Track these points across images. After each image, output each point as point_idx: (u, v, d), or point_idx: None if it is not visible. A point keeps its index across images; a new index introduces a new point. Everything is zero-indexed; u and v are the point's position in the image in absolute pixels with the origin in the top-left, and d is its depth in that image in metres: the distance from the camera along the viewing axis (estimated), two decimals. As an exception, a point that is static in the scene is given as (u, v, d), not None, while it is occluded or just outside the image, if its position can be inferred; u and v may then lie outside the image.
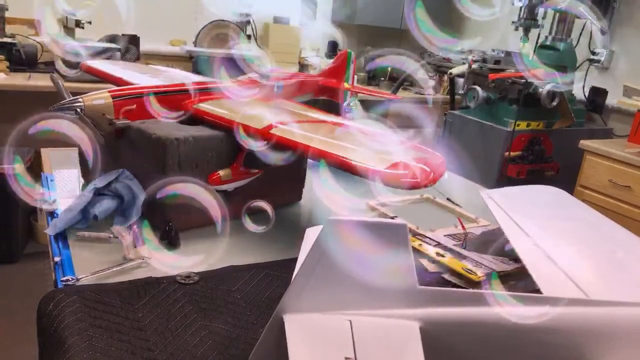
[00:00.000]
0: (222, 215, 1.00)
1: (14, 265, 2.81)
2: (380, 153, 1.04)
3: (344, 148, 1.05)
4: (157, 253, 1.01)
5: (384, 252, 0.63)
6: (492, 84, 2.91)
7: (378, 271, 0.64)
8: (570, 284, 0.85)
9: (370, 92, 2.09)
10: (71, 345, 0.75)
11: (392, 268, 0.64)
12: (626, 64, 3.27)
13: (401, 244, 0.63)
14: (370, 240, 0.62)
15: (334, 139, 1.10)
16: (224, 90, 1.34)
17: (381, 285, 0.65)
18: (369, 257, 0.63)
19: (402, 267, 0.64)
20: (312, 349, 0.62)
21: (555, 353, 0.68)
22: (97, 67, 1.56)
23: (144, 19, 3.37)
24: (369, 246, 0.62)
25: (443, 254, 1.13)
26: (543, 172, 2.93)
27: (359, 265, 0.63)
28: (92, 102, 1.12)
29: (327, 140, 1.08)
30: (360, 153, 1.04)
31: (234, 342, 0.81)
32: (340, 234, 0.61)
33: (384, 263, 0.64)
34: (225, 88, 1.35)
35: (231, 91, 1.35)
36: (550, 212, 1.15)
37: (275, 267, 1.03)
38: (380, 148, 1.08)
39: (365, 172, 0.98)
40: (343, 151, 1.03)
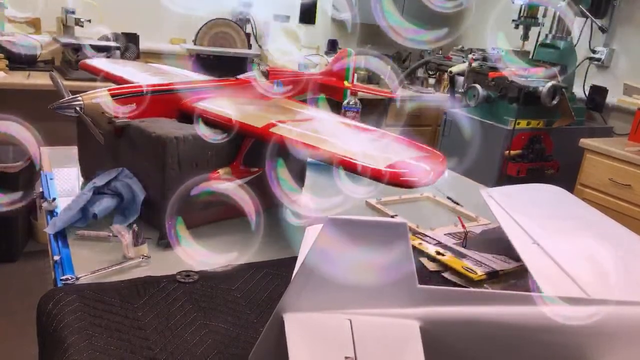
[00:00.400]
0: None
1: (13, 264, 2.81)
2: (380, 151, 1.04)
3: (344, 147, 1.05)
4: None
5: (384, 251, 0.63)
6: (492, 83, 2.91)
7: (378, 270, 0.64)
8: (570, 282, 0.85)
9: (371, 91, 2.09)
10: (71, 344, 0.75)
11: (392, 267, 0.64)
12: (626, 62, 3.27)
13: (401, 243, 0.63)
14: (370, 240, 0.62)
15: (334, 138, 1.10)
16: (223, 89, 1.33)
17: (381, 285, 0.65)
18: (369, 256, 0.63)
19: (402, 266, 0.64)
20: (312, 348, 0.61)
21: (555, 352, 0.68)
22: (96, 65, 1.56)
23: (143, 17, 3.37)
24: (369, 245, 0.62)
25: (443, 252, 1.13)
26: (543, 171, 2.93)
27: (359, 265, 0.63)
28: (91, 101, 1.12)
29: (327, 139, 1.08)
30: (360, 152, 1.03)
31: (234, 341, 0.81)
32: (340, 233, 0.61)
33: (384, 262, 0.63)
34: (225, 87, 1.34)
35: (231, 90, 1.35)
36: (550, 210, 1.15)
37: (275, 266, 1.03)
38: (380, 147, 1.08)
39: (365, 170, 0.98)
40: (343, 150, 1.03)
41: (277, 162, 1.11)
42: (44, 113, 1.15)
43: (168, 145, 1.06)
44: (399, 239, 0.63)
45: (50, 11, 3.18)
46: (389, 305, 0.65)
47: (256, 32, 3.82)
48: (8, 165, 2.69)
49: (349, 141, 1.09)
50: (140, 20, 3.32)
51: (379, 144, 1.10)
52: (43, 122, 1.18)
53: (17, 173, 2.71)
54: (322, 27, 4.15)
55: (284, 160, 1.20)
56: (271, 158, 1.12)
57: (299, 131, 1.11)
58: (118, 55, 3.00)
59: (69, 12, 2.96)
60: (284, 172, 1.13)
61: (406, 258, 0.64)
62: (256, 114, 1.24)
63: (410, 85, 4.09)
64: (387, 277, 0.64)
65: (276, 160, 1.12)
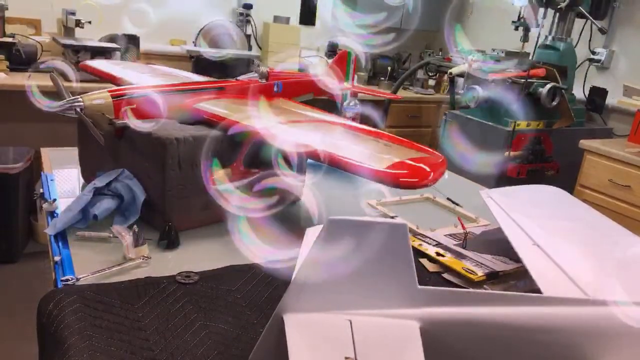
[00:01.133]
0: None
1: (14, 265, 2.81)
2: (380, 153, 1.04)
3: (344, 148, 1.05)
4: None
5: (384, 252, 0.63)
6: (492, 84, 2.91)
7: (378, 271, 0.64)
8: (570, 283, 0.86)
9: (371, 92, 2.09)
10: (71, 345, 0.75)
11: (392, 268, 0.64)
12: (626, 63, 3.27)
13: (401, 243, 0.63)
14: (370, 240, 0.62)
15: (334, 139, 1.10)
16: (223, 90, 1.33)
17: (381, 285, 0.65)
18: (369, 257, 0.63)
19: (402, 267, 0.64)
20: (312, 348, 0.61)
21: (555, 353, 0.68)
22: (96, 66, 1.56)
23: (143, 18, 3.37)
24: (369, 246, 0.62)
25: (443, 253, 1.13)
26: (543, 172, 2.93)
27: (359, 265, 0.63)
28: (91, 102, 1.12)
29: (327, 140, 1.08)
30: (360, 153, 1.03)
31: (234, 341, 0.81)
32: (340, 233, 0.61)
33: (384, 263, 0.64)
34: (225, 88, 1.35)
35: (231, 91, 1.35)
36: (550, 211, 1.15)
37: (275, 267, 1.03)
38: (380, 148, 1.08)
39: (365, 171, 0.98)
40: (343, 151, 1.03)
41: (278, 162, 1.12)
42: (44, 114, 1.15)
43: (168, 147, 1.06)
44: (399, 240, 0.63)
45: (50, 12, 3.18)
46: (389, 306, 0.65)
47: (256, 34, 3.82)
48: (8, 166, 2.70)
49: (349, 142, 1.09)
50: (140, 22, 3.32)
51: (379, 145, 1.10)
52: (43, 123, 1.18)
53: (18, 174, 2.72)
54: (322, 28, 4.16)
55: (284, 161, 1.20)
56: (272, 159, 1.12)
57: (299, 132, 1.11)
58: (118, 56, 3.00)
59: (69, 13, 2.96)
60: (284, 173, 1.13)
61: (406, 259, 0.64)
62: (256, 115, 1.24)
63: (410, 87, 4.09)
64: (387, 277, 0.65)
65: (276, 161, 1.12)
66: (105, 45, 3.03)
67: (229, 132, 1.10)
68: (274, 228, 1.04)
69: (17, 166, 2.72)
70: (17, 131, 2.75)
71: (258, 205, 1.06)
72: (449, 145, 3.15)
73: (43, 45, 3.06)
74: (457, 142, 3.00)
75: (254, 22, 3.77)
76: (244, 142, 1.16)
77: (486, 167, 2.76)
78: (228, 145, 1.15)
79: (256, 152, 1.16)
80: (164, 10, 3.51)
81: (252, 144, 1.17)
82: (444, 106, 3.67)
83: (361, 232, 0.62)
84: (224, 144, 1.15)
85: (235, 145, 1.10)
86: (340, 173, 1.04)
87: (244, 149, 1.17)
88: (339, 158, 1.01)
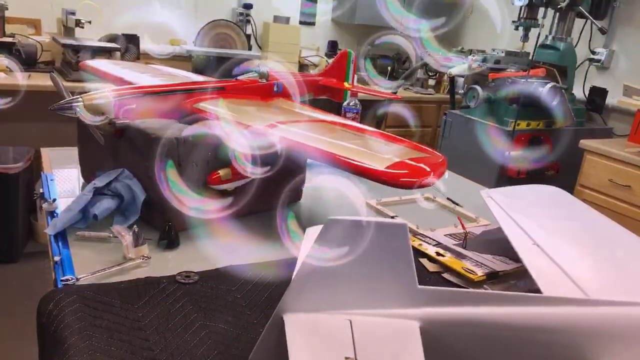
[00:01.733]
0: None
1: (14, 265, 2.81)
2: (380, 152, 1.04)
3: (344, 148, 1.05)
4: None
5: (384, 252, 0.63)
6: (492, 84, 2.91)
7: (378, 271, 0.64)
8: (570, 283, 0.85)
9: (370, 92, 2.09)
10: (71, 344, 0.75)
11: (392, 268, 0.64)
12: (626, 63, 3.27)
13: (401, 243, 0.63)
14: (370, 240, 0.62)
15: (334, 139, 1.10)
16: (223, 90, 1.33)
17: (381, 285, 0.65)
18: (369, 257, 0.63)
19: (402, 266, 0.64)
20: (312, 348, 0.61)
21: (555, 353, 0.68)
22: (96, 66, 1.56)
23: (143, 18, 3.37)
24: (369, 246, 0.62)
25: (443, 253, 1.13)
26: (543, 172, 2.93)
27: (359, 265, 0.63)
28: (91, 102, 1.12)
29: (327, 140, 1.08)
30: (360, 153, 1.03)
31: (234, 341, 0.81)
32: (340, 233, 0.61)
33: (384, 263, 0.64)
34: (225, 87, 1.35)
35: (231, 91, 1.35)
36: (550, 211, 1.15)
37: (275, 267, 1.03)
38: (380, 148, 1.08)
39: (365, 171, 0.98)
40: (343, 151, 1.03)
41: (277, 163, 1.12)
42: (44, 114, 1.15)
43: (168, 146, 1.06)
44: (399, 240, 0.63)
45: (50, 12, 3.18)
46: (389, 306, 0.65)
47: (256, 34, 3.82)
48: (8, 166, 2.69)
49: (349, 142, 1.09)
50: (140, 22, 3.32)
51: (379, 145, 1.10)
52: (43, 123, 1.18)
53: (18, 174, 2.72)
54: (322, 28, 4.16)
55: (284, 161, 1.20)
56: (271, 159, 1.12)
57: (299, 132, 1.11)
58: (118, 56, 3.00)
59: (69, 13, 2.96)
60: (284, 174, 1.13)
61: (406, 259, 0.64)
62: (256, 115, 1.24)
63: (410, 87, 4.09)
64: (387, 277, 0.65)
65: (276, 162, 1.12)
66: (105, 45, 3.03)
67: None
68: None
69: (17, 166, 2.72)
70: (17, 131, 2.75)
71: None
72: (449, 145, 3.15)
73: (43, 45, 3.06)
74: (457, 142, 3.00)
75: (254, 22, 3.77)
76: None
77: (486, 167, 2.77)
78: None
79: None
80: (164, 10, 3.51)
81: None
82: (444, 106, 3.67)
83: (361, 232, 0.62)
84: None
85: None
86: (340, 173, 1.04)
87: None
88: (339, 158, 1.01)
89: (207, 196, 1.13)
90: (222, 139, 1.09)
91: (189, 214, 1.04)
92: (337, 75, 1.76)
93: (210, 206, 1.08)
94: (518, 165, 2.86)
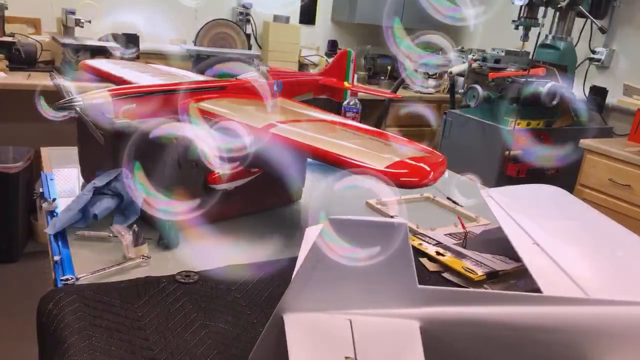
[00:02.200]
0: None
1: (14, 265, 2.81)
2: (380, 152, 1.04)
3: (344, 147, 1.05)
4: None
5: (384, 252, 0.63)
6: (492, 83, 2.91)
7: (378, 271, 0.64)
8: (570, 283, 0.85)
9: (371, 91, 2.09)
10: (71, 344, 0.75)
11: (392, 267, 0.64)
12: (626, 63, 3.27)
13: (401, 243, 0.63)
14: (370, 240, 0.62)
15: (334, 139, 1.10)
16: (223, 90, 1.33)
17: (381, 285, 0.65)
18: (369, 256, 0.63)
19: (402, 266, 0.64)
20: (312, 348, 0.61)
21: (556, 353, 0.68)
22: (96, 66, 1.56)
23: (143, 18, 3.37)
24: (369, 246, 0.62)
25: (443, 253, 1.13)
26: (543, 171, 2.93)
27: (359, 265, 0.63)
28: (91, 101, 1.12)
29: (327, 139, 1.08)
30: (360, 152, 1.03)
31: (234, 341, 0.81)
32: (340, 233, 0.61)
33: (384, 262, 0.63)
34: (225, 87, 1.34)
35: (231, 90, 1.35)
36: (550, 211, 1.15)
37: (275, 267, 1.03)
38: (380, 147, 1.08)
39: (365, 171, 0.98)
40: (343, 150, 1.03)
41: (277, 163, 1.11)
42: (44, 113, 1.15)
43: (168, 146, 1.06)
44: (399, 240, 0.63)
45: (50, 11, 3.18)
46: (389, 306, 0.65)
47: (256, 33, 3.82)
48: (8, 165, 2.70)
49: (348, 142, 1.09)
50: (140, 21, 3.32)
51: (378, 145, 1.10)
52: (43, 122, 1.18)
53: (17, 173, 2.72)
54: (322, 27, 4.16)
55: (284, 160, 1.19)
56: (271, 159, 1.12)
57: (298, 131, 1.11)
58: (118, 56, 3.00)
59: (69, 12, 2.96)
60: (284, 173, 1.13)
61: (406, 258, 0.64)
62: (256, 115, 1.24)
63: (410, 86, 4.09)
64: (387, 277, 0.64)
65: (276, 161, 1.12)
66: (105, 44, 3.03)
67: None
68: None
69: (17, 166, 2.72)
70: (17, 131, 2.75)
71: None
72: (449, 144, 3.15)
73: (43, 45, 3.06)
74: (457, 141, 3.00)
75: (253, 21, 3.77)
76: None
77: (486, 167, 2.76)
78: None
79: (256, 151, 1.16)
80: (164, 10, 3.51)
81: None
82: (444, 105, 3.67)
83: (361, 232, 0.62)
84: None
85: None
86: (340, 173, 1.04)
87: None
88: (339, 157, 1.01)
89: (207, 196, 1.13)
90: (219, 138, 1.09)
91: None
92: (337, 74, 1.76)
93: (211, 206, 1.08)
94: (518, 165, 2.86)
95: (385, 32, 1.42)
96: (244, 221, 1.22)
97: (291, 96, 1.49)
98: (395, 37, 1.49)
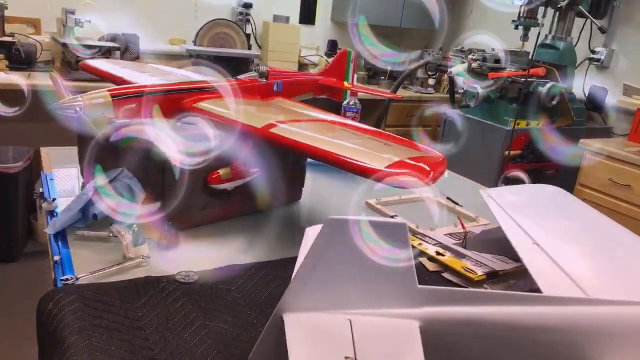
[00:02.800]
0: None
1: (14, 265, 2.81)
2: (380, 152, 1.04)
3: (344, 147, 1.05)
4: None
5: (384, 252, 0.63)
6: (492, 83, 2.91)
7: (378, 271, 0.64)
8: (571, 283, 0.85)
9: (371, 92, 2.09)
10: (71, 344, 0.75)
11: (392, 267, 0.64)
12: (626, 63, 3.27)
13: (401, 243, 0.63)
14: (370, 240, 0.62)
15: (334, 139, 1.10)
16: (223, 90, 1.33)
17: (381, 285, 0.65)
18: (369, 256, 0.63)
19: (402, 266, 0.64)
20: (312, 348, 0.61)
21: (556, 353, 0.68)
22: (96, 66, 1.56)
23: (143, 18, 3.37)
24: (369, 246, 0.62)
25: (443, 253, 1.13)
26: (543, 172, 2.93)
27: (359, 265, 0.63)
28: (91, 102, 1.12)
29: (327, 139, 1.08)
30: (360, 152, 1.03)
31: (234, 341, 0.81)
32: (340, 233, 0.61)
33: (384, 263, 0.63)
34: (225, 87, 1.34)
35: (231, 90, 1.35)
36: (550, 211, 1.15)
37: (275, 267, 1.03)
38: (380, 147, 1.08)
39: (365, 171, 0.98)
40: (343, 150, 1.03)
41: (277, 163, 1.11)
42: (44, 114, 1.15)
43: (168, 146, 1.06)
44: (399, 240, 0.63)
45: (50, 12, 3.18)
46: (389, 306, 0.65)
47: (256, 33, 3.82)
48: (8, 165, 2.70)
49: (348, 142, 1.09)
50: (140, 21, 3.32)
51: (378, 145, 1.10)
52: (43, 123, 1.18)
53: (17, 173, 2.72)
54: (322, 27, 4.15)
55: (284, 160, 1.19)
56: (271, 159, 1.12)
57: (298, 132, 1.11)
58: (118, 56, 3.00)
59: (69, 12, 2.96)
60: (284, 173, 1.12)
61: (406, 258, 0.64)
62: (256, 115, 1.24)
63: (410, 86, 4.09)
64: (387, 277, 0.64)
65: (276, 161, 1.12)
66: (105, 44, 3.03)
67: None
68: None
69: (17, 166, 2.72)
70: (17, 131, 2.75)
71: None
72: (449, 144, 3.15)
73: (43, 45, 3.06)
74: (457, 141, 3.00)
75: (253, 22, 3.77)
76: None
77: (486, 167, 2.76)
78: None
79: (256, 151, 1.16)
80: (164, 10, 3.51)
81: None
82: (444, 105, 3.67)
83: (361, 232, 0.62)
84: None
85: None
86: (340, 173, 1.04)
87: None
88: (339, 158, 1.01)
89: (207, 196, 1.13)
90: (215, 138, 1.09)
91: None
92: (337, 74, 1.76)
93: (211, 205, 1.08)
94: (518, 165, 2.87)
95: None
96: (244, 221, 1.22)
97: (291, 96, 1.49)
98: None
